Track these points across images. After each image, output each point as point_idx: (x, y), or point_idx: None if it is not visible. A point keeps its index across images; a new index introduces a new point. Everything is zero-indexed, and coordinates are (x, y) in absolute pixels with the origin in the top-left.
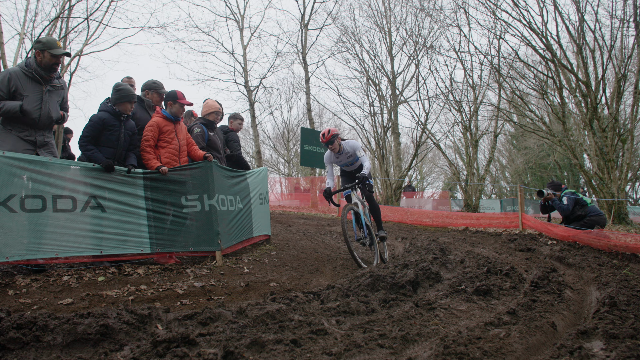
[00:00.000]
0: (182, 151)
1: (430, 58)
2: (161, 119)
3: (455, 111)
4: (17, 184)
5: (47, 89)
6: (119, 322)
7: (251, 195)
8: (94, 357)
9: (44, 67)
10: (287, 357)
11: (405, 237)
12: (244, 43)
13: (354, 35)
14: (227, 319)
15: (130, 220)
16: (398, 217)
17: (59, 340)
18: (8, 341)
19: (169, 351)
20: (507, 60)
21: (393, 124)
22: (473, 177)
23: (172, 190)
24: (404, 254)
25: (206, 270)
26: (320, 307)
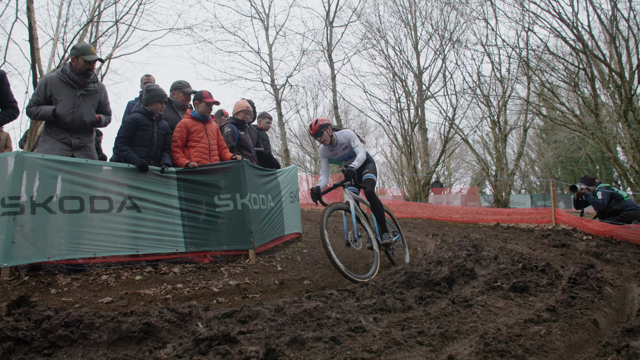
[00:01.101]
0: (212, 150)
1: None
2: (189, 119)
3: (483, 105)
4: (56, 186)
5: (80, 94)
6: (161, 320)
7: (282, 194)
8: (138, 355)
9: (78, 73)
10: (328, 354)
11: (436, 234)
12: (270, 42)
13: (379, 32)
14: (265, 317)
15: (165, 219)
16: (427, 214)
17: (105, 337)
18: (57, 338)
19: (211, 349)
20: (536, 53)
21: (420, 119)
22: (502, 172)
23: (205, 189)
24: (436, 250)
25: (240, 269)
26: (357, 305)
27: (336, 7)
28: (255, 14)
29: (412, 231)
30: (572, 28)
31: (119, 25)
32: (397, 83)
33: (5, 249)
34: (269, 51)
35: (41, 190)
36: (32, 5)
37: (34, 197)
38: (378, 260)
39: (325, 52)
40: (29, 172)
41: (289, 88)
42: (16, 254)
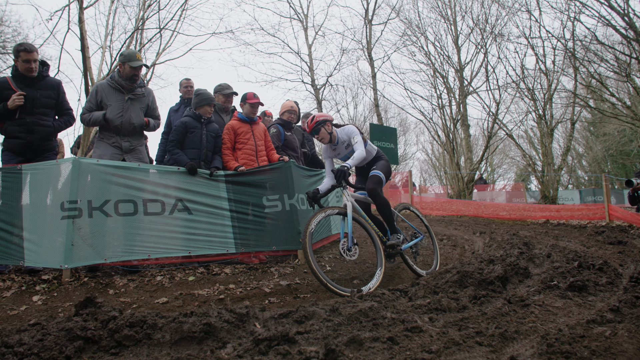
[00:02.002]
0: (259, 151)
1: (499, 46)
2: (236, 121)
3: (527, 99)
4: (111, 190)
5: (128, 98)
6: (220, 320)
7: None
8: (200, 355)
9: (125, 78)
10: (386, 355)
11: (483, 232)
12: (309, 42)
13: (419, 28)
14: (321, 317)
15: (215, 221)
16: (473, 211)
17: (168, 338)
18: (123, 338)
19: (270, 349)
20: (583, 43)
21: (462, 115)
22: (549, 168)
23: (253, 191)
24: (485, 249)
25: (290, 269)
26: (411, 305)
27: (375, 5)
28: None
29: (458, 229)
30: (623, 16)
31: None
32: (438, 79)
33: (65, 251)
34: (309, 51)
35: (97, 194)
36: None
37: (91, 201)
38: (382, 267)
39: (365, 51)
40: (86, 177)
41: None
42: (76, 256)
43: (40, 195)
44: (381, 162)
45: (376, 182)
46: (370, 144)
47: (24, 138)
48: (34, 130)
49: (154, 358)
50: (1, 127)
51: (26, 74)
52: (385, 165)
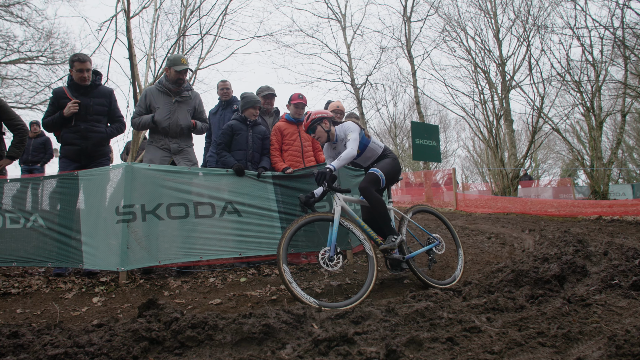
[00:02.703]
0: (306, 152)
1: (542, 38)
2: (283, 122)
3: (574, 92)
4: (163, 194)
5: (175, 100)
6: (278, 321)
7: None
8: (260, 355)
9: (171, 82)
10: (447, 355)
11: (532, 229)
12: (347, 42)
13: (458, 24)
14: (378, 318)
15: (264, 222)
16: (519, 208)
17: (229, 338)
18: (186, 339)
19: (330, 349)
20: (634, 31)
21: (505, 110)
22: (598, 162)
23: (300, 191)
24: (536, 246)
25: (339, 269)
26: (466, 305)
27: (413, 2)
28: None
29: (505, 227)
30: None
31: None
32: (480, 74)
33: (121, 254)
34: (347, 51)
35: (150, 198)
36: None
37: (144, 205)
38: (374, 273)
39: (404, 48)
40: (138, 181)
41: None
42: (131, 258)
43: (95, 200)
44: (385, 161)
45: (370, 180)
46: (375, 142)
47: (78, 144)
48: (87, 137)
49: (216, 359)
50: (58, 135)
51: (80, 83)
52: (388, 163)
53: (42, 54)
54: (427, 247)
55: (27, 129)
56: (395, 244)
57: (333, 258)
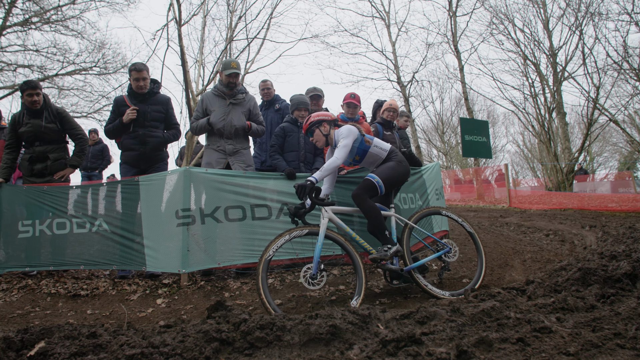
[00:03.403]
0: None
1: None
2: None
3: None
4: (220, 197)
5: (229, 102)
6: (344, 322)
7: (428, 192)
8: (328, 355)
9: (224, 85)
10: (520, 356)
11: (593, 225)
12: (392, 39)
13: (506, 16)
14: (443, 318)
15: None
16: (577, 204)
17: (297, 339)
18: (255, 340)
19: (399, 350)
20: None
21: (557, 103)
22: None
23: None
24: (600, 243)
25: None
26: (533, 304)
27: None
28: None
29: (564, 223)
30: None
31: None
32: (529, 67)
33: (182, 257)
34: (393, 49)
35: (208, 201)
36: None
37: (203, 208)
38: (362, 286)
39: (451, 44)
40: (196, 185)
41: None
42: (191, 260)
43: (155, 204)
44: (386, 165)
45: (364, 187)
46: (378, 146)
47: (137, 149)
48: (146, 142)
49: (286, 359)
50: (119, 142)
51: (137, 91)
52: (389, 167)
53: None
54: (432, 256)
55: (87, 139)
56: (388, 254)
57: (316, 276)
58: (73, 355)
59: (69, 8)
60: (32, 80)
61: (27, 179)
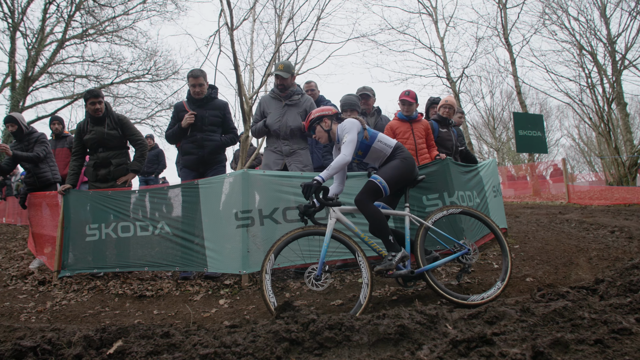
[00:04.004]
0: (419, 149)
1: None
2: (395, 121)
3: None
4: (278, 198)
5: (285, 104)
6: (412, 322)
7: (485, 189)
8: (398, 356)
9: (277, 87)
10: (599, 358)
11: None
12: (440, 35)
13: (559, 5)
14: (513, 318)
15: None
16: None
17: (365, 339)
18: (324, 340)
19: (470, 350)
20: None
21: (617, 93)
22: None
23: (411, 190)
24: None
25: (457, 268)
26: (607, 304)
27: None
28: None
29: (629, 219)
30: None
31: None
32: (585, 57)
33: (242, 258)
34: (441, 44)
35: (266, 203)
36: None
37: (261, 209)
38: (366, 291)
39: (501, 37)
40: (255, 187)
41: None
42: (251, 261)
43: (215, 207)
44: (390, 164)
45: (367, 190)
46: (382, 141)
47: (196, 153)
48: (203, 145)
49: (356, 359)
50: (178, 147)
51: (195, 97)
52: (393, 167)
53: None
54: (448, 257)
55: (146, 144)
56: (393, 263)
57: (320, 277)
58: (149, 354)
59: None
60: (95, 89)
61: (92, 184)
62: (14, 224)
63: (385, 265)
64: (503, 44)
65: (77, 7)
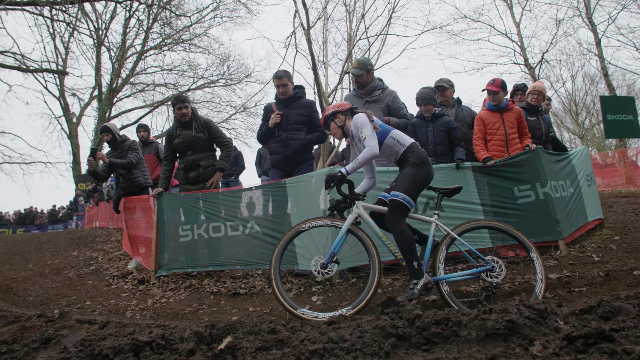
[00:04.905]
0: (510, 140)
1: None
2: (484, 111)
3: None
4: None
5: (365, 101)
6: (521, 317)
7: (578, 178)
8: (509, 351)
9: (355, 85)
10: None
11: None
12: (516, 20)
13: None
14: (632, 313)
15: (466, 216)
16: None
17: (474, 335)
18: (432, 335)
19: (589, 347)
20: None
21: None
22: None
23: (502, 182)
24: None
25: (553, 261)
26: None
27: None
28: None
29: None
30: None
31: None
32: None
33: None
34: (517, 30)
35: None
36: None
37: None
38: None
39: (584, 17)
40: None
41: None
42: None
43: (302, 205)
44: (404, 174)
45: (394, 209)
46: (395, 138)
47: (281, 152)
48: (288, 144)
49: (466, 355)
50: (268, 147)
51: (280, 97)
52: (408, 176)
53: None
54: (466, 272)
55: (232, 145)
56: (415, 292)
57: (326, 265)
58: (258, 349)
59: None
60: (181, 95)
61: (183, 187)
62: (106, 227)
63: (408, 295)
64: (586, 24)
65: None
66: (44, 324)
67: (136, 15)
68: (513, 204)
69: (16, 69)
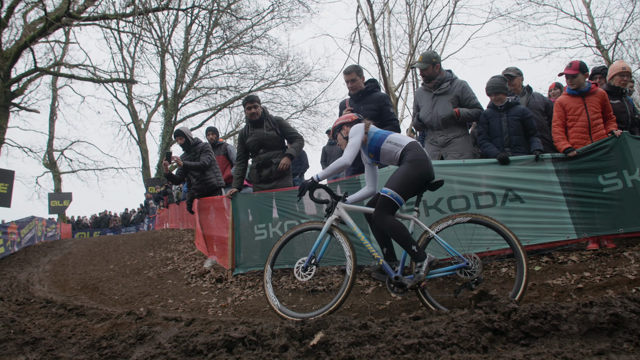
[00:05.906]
0: (593, 126)
1: None
2: (564, 97)
3: None
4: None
5: (434, 95)
6: (626, 310)
7: None
8: (615, 347)
9: (422, 79)
10: None
11: None
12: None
13: None
14: None
15: (549, 207)
16: None
17: (575, 329)
18: (530, 329)
19: None
20: None
21: None
22: None
23: (585, 171)
24: None
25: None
26: None
27: None
28: None
29: None
30: None
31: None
32: None
33: None
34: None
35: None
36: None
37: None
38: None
39: None
40: None
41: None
42: None
43: None
44: (398, 171)
45: (381, 205)
46: (392, 142)
47: None
48: None
49: (570, 350)
50: None
51: (351, 92)
52: (400, 174)
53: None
54: (442, 269)
55: (303, 139)
56: (422, 275)
57: (307, 268)
58: (351, 345)
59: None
60: (251, 95)
61: (257, 186)
62: (176, 228)
63: (416, 279)
64: None
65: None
66: (134, 321)
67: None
68: (598, 192)
69: (90, 80)
